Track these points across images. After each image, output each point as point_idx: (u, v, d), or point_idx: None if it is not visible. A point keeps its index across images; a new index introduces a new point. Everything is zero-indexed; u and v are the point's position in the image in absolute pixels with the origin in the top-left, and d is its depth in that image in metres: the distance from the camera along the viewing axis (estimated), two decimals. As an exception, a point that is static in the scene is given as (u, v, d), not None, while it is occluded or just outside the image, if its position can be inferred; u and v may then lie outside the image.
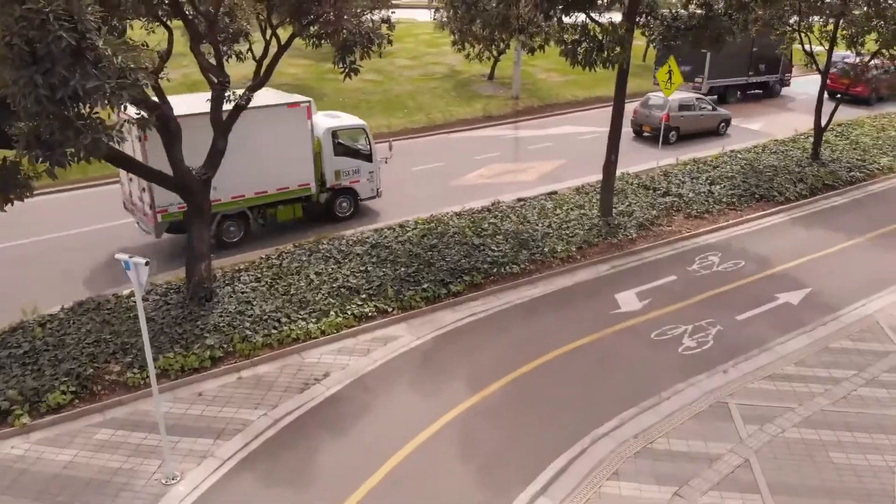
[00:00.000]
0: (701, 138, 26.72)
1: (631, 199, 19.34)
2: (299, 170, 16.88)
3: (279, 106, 16.42)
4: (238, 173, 15.47)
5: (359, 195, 18.53)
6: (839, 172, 21.85)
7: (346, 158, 17.97)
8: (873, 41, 21.14)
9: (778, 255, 16.62)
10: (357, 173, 18.21)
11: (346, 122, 18.43)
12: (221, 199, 15.66)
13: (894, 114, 29.51)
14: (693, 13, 16.77)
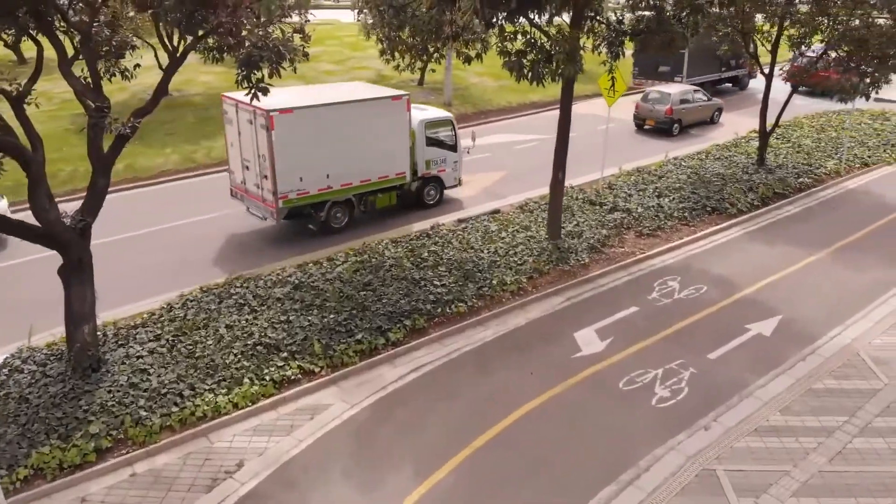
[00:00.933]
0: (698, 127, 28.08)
1: (578, 218, 17.86)
2: (398, 159, 17.80)
3: (384, 99, 17.40)
4: (348, 163, 16.63)
5: (444, 184, 19.45)
6: (788, 179, 21.03)
7: (435, 148, 18.90)
8: (819, 41, 20.42)
9: (740, 276, 15.42)
10: (444, 162, 19.19)
11: (436, 115, 19.40)
12: (332, 186, 16.62)
13: (832, 113, 29.29)
14: (641, 17, 15.37)
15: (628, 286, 15.02)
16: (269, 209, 16.12)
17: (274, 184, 15.63)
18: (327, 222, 16.99)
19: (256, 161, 15.99)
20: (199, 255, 16.13)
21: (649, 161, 23.56)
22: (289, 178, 15.60)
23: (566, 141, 15.53)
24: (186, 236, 17.28)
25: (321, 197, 16.53)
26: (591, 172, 22.15)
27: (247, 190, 16.88)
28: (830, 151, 23.98)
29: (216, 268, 15.34)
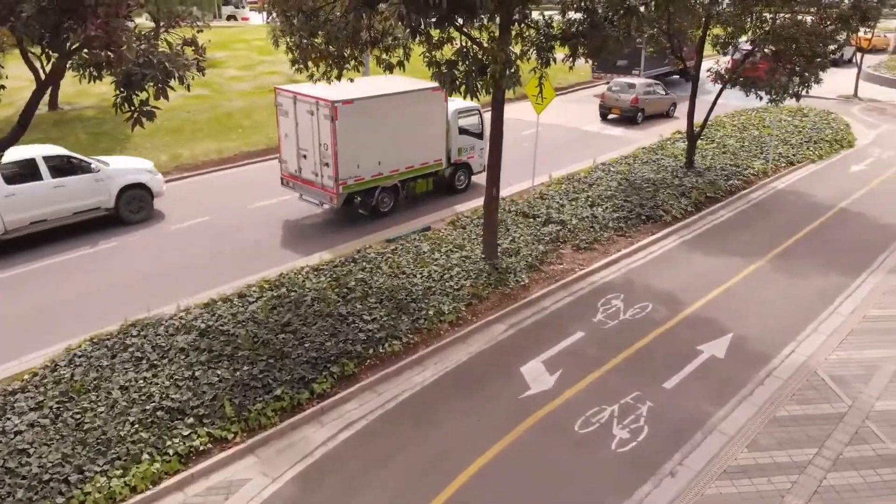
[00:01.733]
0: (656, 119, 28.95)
1: (513, 233, 16.80)
2: (436, 147, 18.93)
3: (426, 90, 18.08)
4: (396, 150, 17.61)
5: (472, 170, 20.52)
6: (718, 182, 20.68)
7: (466, 136, 20.02)
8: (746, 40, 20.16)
9: (683, 290, 14.71)
10: (472, 150, 20.30)
11: (466, 105, 19.75)
12: (382, 173, 17.74)
13: (752, 111, 29.52)
14: (571, 20, 14.37)
15: (572, 308, 14.03)
16: (328, 195, 17.24)
17: (336, 171, 16.75)
18: (376, 207, 18.09)
19: (316, 150, 17.03)
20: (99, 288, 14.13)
21: (578, 167, 22.85)
22: (348, 166, 16.84)
23: (499, 155, 14.40)
24: (75, 273, 15.17)
25: (373, 183, 17.68)
26: (521, 181, 21.21)
27: (302, 178, 17.85)
28: (756, 151, 23.92)
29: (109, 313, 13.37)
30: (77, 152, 18.02)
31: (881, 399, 11.02)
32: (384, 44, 13.35)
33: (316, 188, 17.57)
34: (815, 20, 18.42)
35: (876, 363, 12.03)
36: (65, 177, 16.62)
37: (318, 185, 17.45)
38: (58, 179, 16.45)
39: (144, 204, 18.14)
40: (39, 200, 16.17)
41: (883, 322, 13.40)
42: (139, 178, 18.02)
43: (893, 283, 14.99)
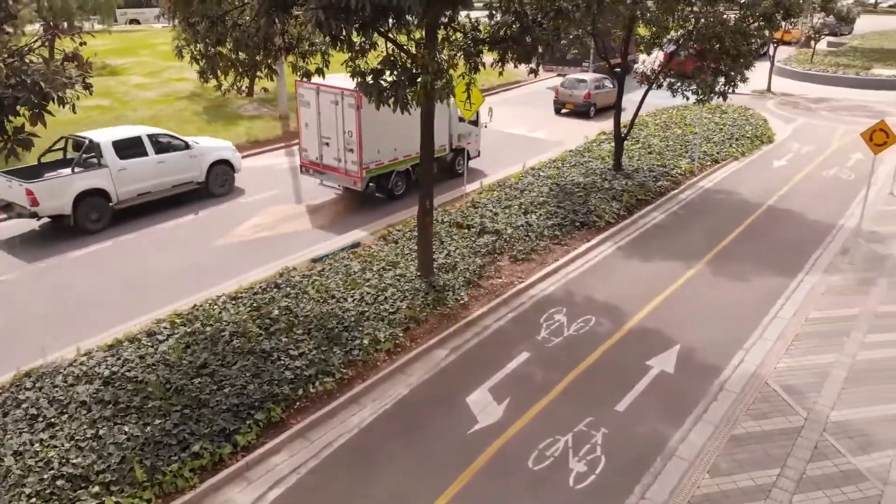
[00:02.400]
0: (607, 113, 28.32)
1: (448, 246, 15.96)
2: (441, 134, 19.94)
3: None
4: (409, 137, 17.43)
5: (469, 155, 21.73)
6: (647, 183, 20.47)
7: (463, 124, 21.17)
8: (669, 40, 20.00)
9: (625, 300, 14.24)
10: (469, 136, 21.69)
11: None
12: (398, 158, 19.03)
13: (672, 109, 29.76)
14: (500, 23, 13.63)
15: (514, 325, 13.30)
16: (352, 178, 18.46)
17: (360, 156, 17.96)
18: (391, 190, 19.34)
19: (340, 137, 18.18)
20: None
21: (507, 172, 22.27)
22: (370, 151, 18.08)
23: (431, 167, 13.51)
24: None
25: (390, 167, 19.00)
26: (452, 189, 20.45)
27: (324, 165, 19.00)
28: (681, 150, 23.95)
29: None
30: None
31: (835, 409, 10.76)
32: (300, 50, 12.24)
33: (339, 173, 18.79)
34: (739, 18, 18.38)
35: (825, 369, 11.81)
36: (165, 153, 18.59)
37: (341, 171, 18.69)
38: (160, 155, 18.43)
39: (228, 178, 20.36)
40: (145, 174, 18.18)
41: (825, 324, 13.28)
42: (224, 155, 20.09)
43: (830, 283, 14.97)
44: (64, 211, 16.79)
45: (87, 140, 17.40)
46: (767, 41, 19.82)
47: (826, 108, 32.76)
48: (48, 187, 16.55)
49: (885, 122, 15.28)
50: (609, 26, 20.77)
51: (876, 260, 16.09)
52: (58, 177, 16.92)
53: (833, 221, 18.57)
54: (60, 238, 16.99)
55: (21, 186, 16.23)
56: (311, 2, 8.12)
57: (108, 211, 17.58)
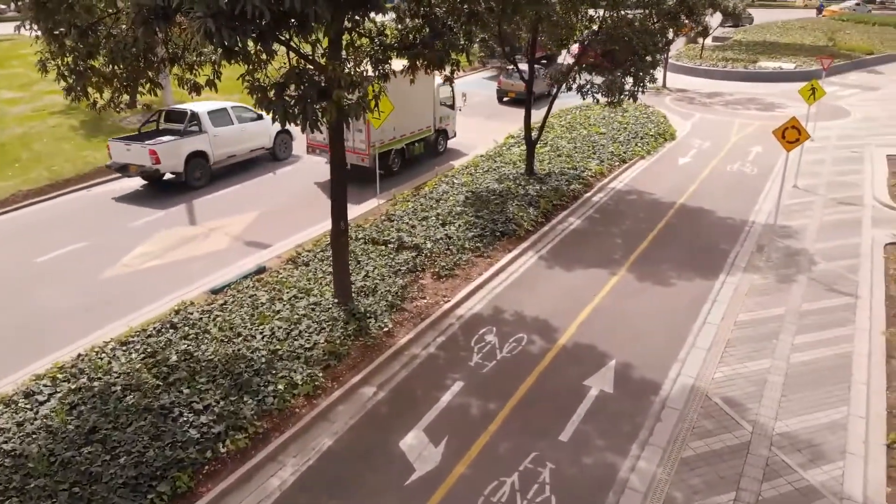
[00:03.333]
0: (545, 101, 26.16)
1: (365, 266, 14.85)
2: (428, 116, 22.85)
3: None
4: (405, 119, 20.86)
5: (448, 135, 24.53)
6: (561, 187, 20.06)
7: (444, 107, 23.76)
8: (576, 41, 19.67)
9: (554, 314, 13.63)
10: (449, 118, 24.20)
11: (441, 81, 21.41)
12: (396, 137, 21.17)
13: (575, 109, 29.75)
14: (408, 27, 12.69)
15: (444, 351, 12.38)
16: (360, 156, 20.40)
17: (368, 136, 20.06)
18: (391, 166, 21.53)
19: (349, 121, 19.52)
20: None
21: (420, 179, 21.39)
22: (376, 132, 20.06)
23: (343, 184, 12.35)
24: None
25: (390, 146, 21.16)
26: (363, 202, 19.31)
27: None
28: (589, 151, 23.80)
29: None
30: None
31: (779, 419, 10.49)
32: (187, 61, 10.80)
33: (347, 152, 19.37)
34: (643, 17, 18.22)
35: (761, 376, 11.59)
36: (244, 123, 21.85)
37: (349, 149, 19.45)
38: (241, 125, 21.73)
39: (288, 146, 23.71)
40: (232, 140, 21.46)
41: (754, 327, 13.14)
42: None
43: (752, 283, 14.95)
44: (177, 169, 19.88)
45: (188, 111, 20.64)
46: (673, 40, 19.81)
47: (720, 102, 33.82)
48: (167, 148, 19.60)
49: (797, 119, 15.42)
50: (514, 28, 20.23)
51: (791, 255, 16.28)
52: (172, 140, 19.87)
53: (744, 217, 18.78)
54: None
55: (144, 148, 19.19)
56: (198, 9, 6.84)
57: (208, 170, 20.82)
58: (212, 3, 6.86)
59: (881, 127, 28.82)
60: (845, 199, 20.12)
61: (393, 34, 13.02)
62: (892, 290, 14.49)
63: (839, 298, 14.22)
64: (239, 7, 6.90)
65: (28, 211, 19.16)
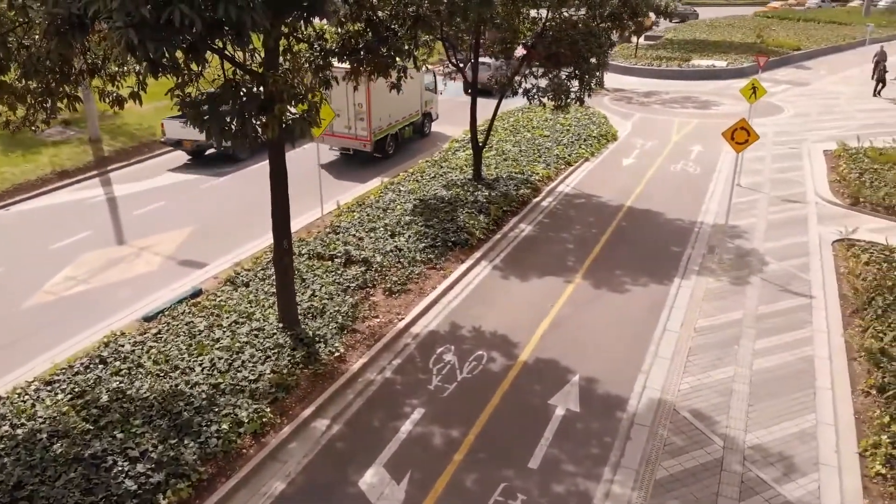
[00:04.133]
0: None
1: (311, 284, 14.04)
2: (416, 101, 25.26)
3: None
4: (398, 106, 23.47)
5: (432, 118, 26.77)
6: (510, 193, 19.61)
7: (428, 92, 26.06)
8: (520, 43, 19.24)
9: (513, 328, 13.14)
10: (432, 102, 26.53)
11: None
12: (391, 124, 23.74)
13: (518, 111, 29.44)
14: (350, 32, 11.98)
15: (401, 374, 11.70)
16: (362, 142, 22.60)
17: (370, 124, 22.23)
18: (387, 150, 23.73)
19: (351, 110, 22.10)
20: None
21: (365, 188, 20.66)
22: (376, 119, 22.32)
23: (286, 201, 11.52)
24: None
25: (386, 132, 23.38)
26: (305, 212, 18.41)
27: (334, 133, 22.57)
28: (535, 155, 23.47)
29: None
30: None
31: (749, 431, 10.25)
32: (108, 72, 9.80)
33: (349, 139, 22.94)
34: (587, 18, 17.93)
35: (726, 385, 11.36)
36: None
37: (351, 136, 22.82)
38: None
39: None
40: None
41: (714, 333, 12.95)
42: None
43: (707, 286, 14.81)
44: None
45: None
46: (615, 43, 19.65)
47: (657, 101, 34.12)
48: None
49: (745, 120, 15.36)
50: (455, 30, 19.67)
51: (742, 256, 16.25)
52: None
53: (692, 218, 18.74)
54: None
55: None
56: (117, 18, 5.97)
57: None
58: (133, 12, 6.00)
59: (814, 122, 29.55)
60: (789, 196, 20.36)
61: (333, 38, 12.30)
62: (844, 289, 14.57)
63: (794, 299, 14.20)
64: (165, 15, 6.06)
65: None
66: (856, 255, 15.73)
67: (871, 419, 10.31)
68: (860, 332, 12.73)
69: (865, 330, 12.64)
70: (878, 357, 11.57)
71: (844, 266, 15.54)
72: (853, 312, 13.53)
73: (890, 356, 11.60)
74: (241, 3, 6.24)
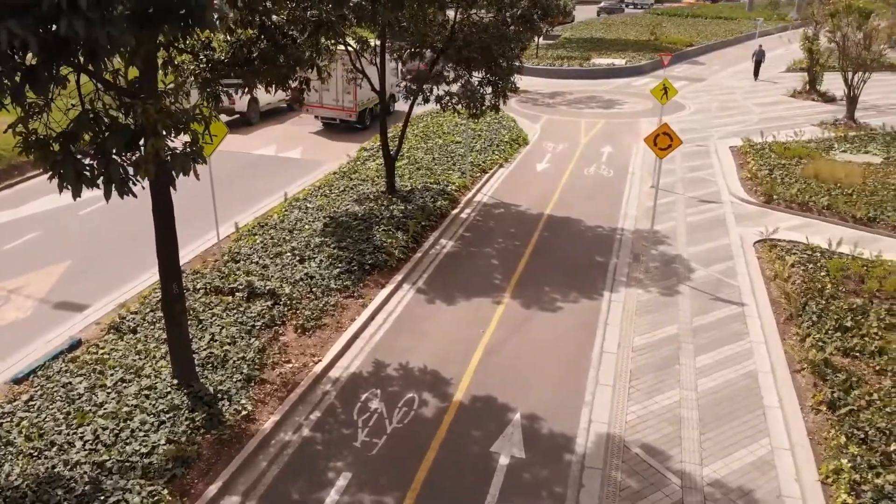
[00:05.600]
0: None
1: (210, 327, 12.37)
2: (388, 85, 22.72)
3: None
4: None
5: (395, 98, 28.86)
6: (427, 206, 18.46)
7: (393, 77, 25.99)
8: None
9: (443, 361, 12.00)
10: (395, 86, 26.71)
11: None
12: (370, 98, 26.49)
13: (427, 116, 28.36)
14: (242, 40, 10.46)
15: (322, 431, 10.29)
16: (347, 112, 27.09)
17: (356, 97, 26.69)
18: (364, 120, 27.74)
19: (340, 85, 26.14)
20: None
21: (266, 206, 18.96)
22: (361, 95, 26.63)
23: (173, 241, 9.86)
24: None
25: (366, 106, 27.61)
26: (198, 237, 16.57)
27: (323, 104, 27.09)
28: (448, 163, 22.45)
29: None
30: None
31: (704, 464, 9.54)
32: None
33: (337, 110, 27.00)
34: (499, 21, 17.01)
35: (674, 412, 10.66)
36: None
37: (339, 108, 26.85)
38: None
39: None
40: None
41: (652, 353, 12.28)
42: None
43: (636, 299, 14.21)
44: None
45: None
46: (527, 46, 18.84)
47: (562, 102, 33.91)
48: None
49: (667, 125, 14.84)
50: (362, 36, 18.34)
51: (668, 263, 15.80)
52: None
53: (612, 225, 18.23)
54: None
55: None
56: None
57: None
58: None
59: (715, 118, 30.07)
60: (704, 196, 20.26)
61: (222, 47, 10.75)
62: (773, 293, 14.30)
63: (726, 308, 13.79)
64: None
65: None
66: (780, 256, 15.57)
67: (826, 440, 9.83)
68: (798, 340, 12.39)
69: (804, 339, 12.31)
70: (823, 369, 11.19)
71: (770, 268, 15.34)
72: (787, 319, 13.23)
73: (834, 367, 11.24)
74: (91, 15, 4.72)
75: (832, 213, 18.35)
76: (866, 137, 25.83)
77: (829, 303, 13.32)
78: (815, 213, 18.53)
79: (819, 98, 33.54)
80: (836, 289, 13.89)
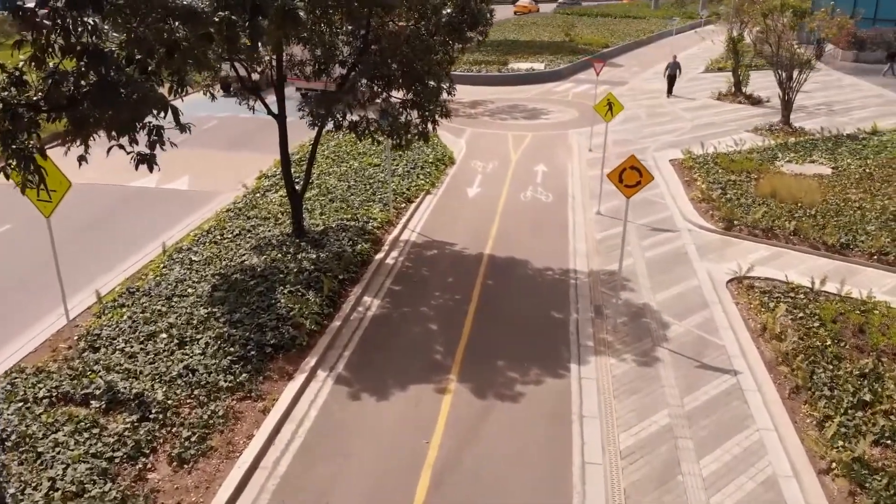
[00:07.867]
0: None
1: (51, 463, 8.79)
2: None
3: None
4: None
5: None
6: (346, 252, 15.23)
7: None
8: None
9: (383, 492, 8.92)
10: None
11: None
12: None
13: (331, 134, 24.94)
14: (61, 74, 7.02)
15: None
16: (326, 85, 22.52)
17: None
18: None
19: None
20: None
21: (140, 260, 15.26)
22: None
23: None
24: None
25: None
26: (51, 311, 12.79)
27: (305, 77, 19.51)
28: (367, 192, 19.27)
29: None
30: None
31: None
32: None
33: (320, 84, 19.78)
34: (422, 32, 14.01)
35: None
36: None
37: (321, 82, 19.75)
38: None
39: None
40: None
41: (645, 457, 9.65)
42: None
43: (611, 373, 11.60)
44: None
45: None
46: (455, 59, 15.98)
47: (484, 112, 31.32)
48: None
49: (635, 157, 12.31)
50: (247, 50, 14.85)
51: (636, 317, 13.32)
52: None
53: (563, 265, 15.63)
54: None
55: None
56: None
57: None
58: None
59: (646, 127, 28.25)
60: (656, 223, 18.01)
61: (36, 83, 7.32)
62: (766, 354, 11.99)
63: (718, 379, 11.37)
64: None
65: None
66: (763, 302, 13.36)
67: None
68: (815, 425, 10.05)
69: (821, 423, 9.97)
70: (860, 473, 8.82)
71: (753, 318, 13.10)
72: (793, 392, 10.90)
73: (871, 468, 8.91)
74: None
75: (801, 239, 16.42)
76: (808, 144, 24.48)
77: (837, 366, 11.13)
78: (782, 240, 16.55)
79: (746, 101, 32.42)
80: (838, 345, 11.75)
